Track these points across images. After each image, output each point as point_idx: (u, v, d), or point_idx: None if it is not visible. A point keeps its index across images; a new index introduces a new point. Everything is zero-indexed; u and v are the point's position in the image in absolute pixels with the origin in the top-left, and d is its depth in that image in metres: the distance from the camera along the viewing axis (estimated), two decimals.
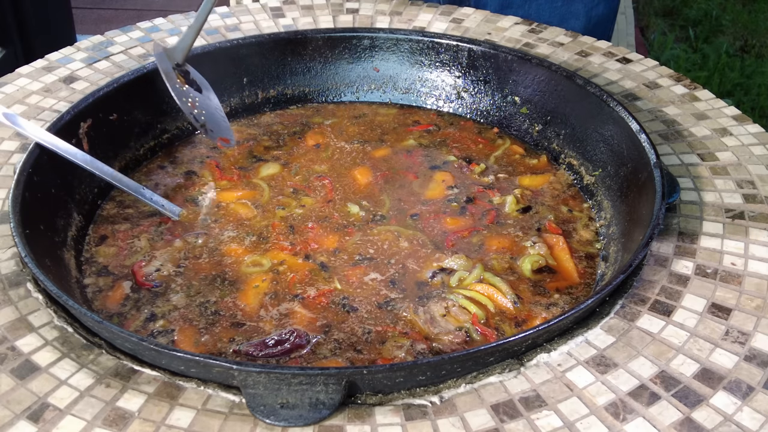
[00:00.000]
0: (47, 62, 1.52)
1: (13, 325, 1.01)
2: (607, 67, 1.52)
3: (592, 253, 1.19)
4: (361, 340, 1.04)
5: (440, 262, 1.16)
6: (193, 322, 1.07)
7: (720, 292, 1.06)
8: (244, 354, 1.02)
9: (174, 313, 1.09)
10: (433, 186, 1.31)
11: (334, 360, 1.01)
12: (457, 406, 0.92)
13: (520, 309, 1.09)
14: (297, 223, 1.23)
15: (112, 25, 1.69)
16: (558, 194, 1.30)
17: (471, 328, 1.06)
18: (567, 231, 1.22)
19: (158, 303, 1.10)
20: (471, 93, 1.48)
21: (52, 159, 1.18)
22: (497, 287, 1.11)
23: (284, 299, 1.10)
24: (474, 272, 1.13)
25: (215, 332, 1.06)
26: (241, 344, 1.03)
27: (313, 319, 1.07)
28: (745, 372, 0.95)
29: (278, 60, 1.49)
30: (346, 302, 1.10)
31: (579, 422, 0.89)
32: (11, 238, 1.06)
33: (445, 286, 1.12)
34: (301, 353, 1.02)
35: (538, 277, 1.14)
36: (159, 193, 1.27)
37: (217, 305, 1.09)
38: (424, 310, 1.08)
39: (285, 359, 1.02)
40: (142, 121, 1.37)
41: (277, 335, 1.04)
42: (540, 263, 1.15)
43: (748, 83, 3.56)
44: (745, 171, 1.26)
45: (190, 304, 1.10)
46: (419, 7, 1.70)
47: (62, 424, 0.88)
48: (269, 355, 1.02)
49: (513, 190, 1.30)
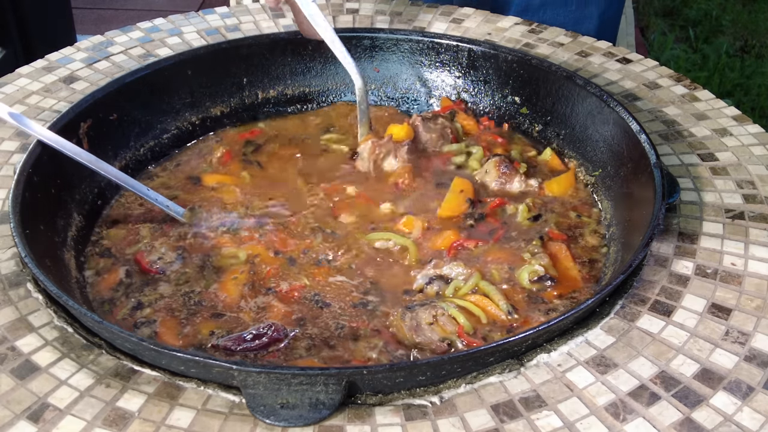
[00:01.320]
0: (47, 62, 1.52)
1: (13, 325, 1.01)
2: (607, 68, 1.52)
3: (596, 259, 1.17)
4: (334, 335, 1.05)
5: (438, 268, 1.13)
6: (175, 312, 1.08)
7: (720, 292, 1.06)
8: (222, 348, 1.03)
9: (160, 302, 1.10)
10: (451, 198, 1.26)
11: (310, 360, 1.01)
12: (457, 406, 0.92)
13: (515, 318, 1.07)
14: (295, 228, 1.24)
15: (112, 26, 1.69)
16: (569, 201, 1.28)
17: (456, 340, 1.03)
18: (573, 236, 1.20)
19: (146, 291, 1.12)
20: (471, 93, 1.48)
21: (53, 159, 1.18)
22: (491, 297, 1.09)
23: (265, 293, 1.12)
24: (470, 281, 1.11)
25: (196, 323, 1.07)
26: (219, 338, 1.04)
27: (289, 313, 1.08)
28: (745, 372, 0.95)
29: (278, 60, 1.49)
30: (318, 298, 1.11)
31: (579, 422, 0.89)
32: (11, 238, 1.06)
33: (440, 297, 1.10)
34: (279, 347, 1.03)
35: (537, 286, 1.11)
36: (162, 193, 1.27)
37: (201, 295, 1.11)
38: (411, 316, 1.05)
39: (263, 353, 1.02)
40: (142, 121, 1.37)
41: (255, 329, 1.04)
42: (538, 273, 1.12)
43: (748, 83, 3.56)
44: (745, 171, 1.26)
45: (175, 293, 1.11)
46: (419, 8, 1.70)
47: (62, 424, 0.88)
48: (247, 349, 1.02)
49: (525, 198, 1.27)
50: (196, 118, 1.44)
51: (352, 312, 1.09)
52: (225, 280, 1.13)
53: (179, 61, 1.40)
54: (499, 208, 1.25)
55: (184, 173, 1.35)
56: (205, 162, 1.37)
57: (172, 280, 1.13)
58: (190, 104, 1.43)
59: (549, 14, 1.86)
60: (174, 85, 1.40)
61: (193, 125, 1.43)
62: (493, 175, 1.30)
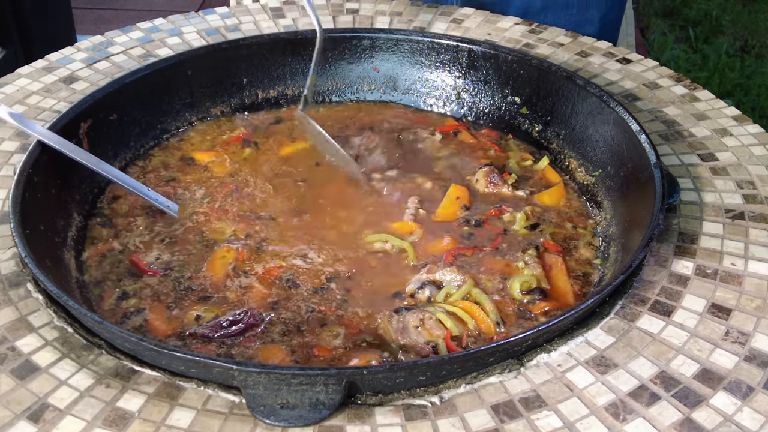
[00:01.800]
0: (47, 62, 1.52)
1: (13, 325, 1.01)
2: (607, 68, 1.52)
3: (588, 273, 1.16)
4: (304, 320, 1.07)
5: (431, 273, 1.13)
6: (161, 297, 1.10)
7: (720, 292, 1.06)
8: (200, 336, 1.04)
9: (145, 290, 1.11)
10: (447, 204, 1.26)
11: (275, 347, 1.03)
12: (457, 406, 0.92)
13: (500, 333, 1.06)
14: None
15: (112, 26, 1.69)
16: (565, 210, 1.27)
17: (441, 344, 1.03)
18: (567, 249, 1.19)
19: (134, 281, 1.14)
20: (471, 93, 1.48)
21: (53, 159, 1.18)
22: (482, 305, 1.08)
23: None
24: (463, 288, 1.10)
25: (184, 305, 1.09)
26: (197, 328, 1.05)
27: (265, 295, 1.11)
28: (745, 372, 0.95)
29: (278, 60, 1.49)
30: (290, 279, 1.13)
31: (579, 422, 0.89)
32: (11, 238, 1.06)
33: (431, 302, 1.10)
34: (256, 332, 1.05)
35: (528, 298, 1.10)
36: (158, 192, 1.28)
37: (191, 280, 1.13)
38: (399, 319, 1.05)
39: (240, 339, 1.04)
40: (142, 122, 1.37)
41: (231, 316, 1.06)
42: (531, 284, 1.11)
43: (748, 84, 3.56)
44: (745, 171, 1.26)
45: (163, 280, 1.13)
46: (419, 8, 1.70)
47: (62, 425, 0.88)
48: (225, 335, 1.04)
49: (524, 206, 1.26)
50: (196, 118, 1.44)
51: (319, 298, 1.11)
52: (213, 258, 1.15)
53: (179, 61, 1.40)
54: (496, 216, 1.25)
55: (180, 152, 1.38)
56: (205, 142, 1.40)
57: (166, 274, 1.15)
58: (190, 104, 1.43)
59: (550, 18, 1.86)
60: (174, 86, 1.41)
61: (193, 125, 1.43)
62: (483, 183, 1.31)
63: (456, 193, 1.28)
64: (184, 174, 1.33)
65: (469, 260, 1.17)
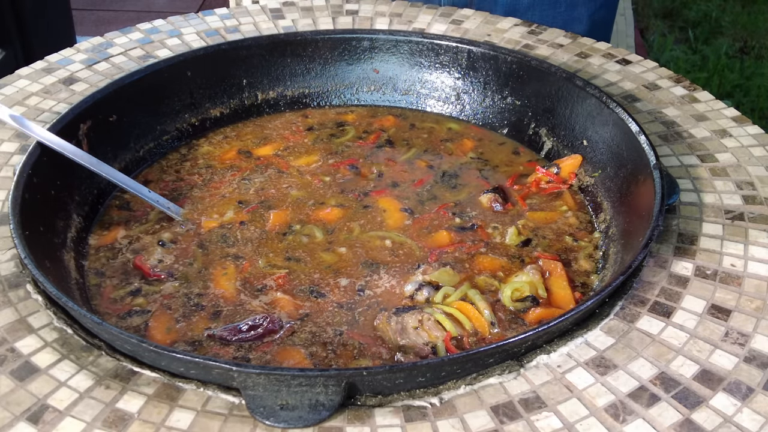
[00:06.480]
0: (47, 64, 1.52)
1: (12, 326, 1.01)
2: (606, 69, 1.52)
3: (587, 284, 1.14)
4: (326, 331, 1.07)
5: (427, 275, 1.12)
6: (171, 309, 1.09)
7: (720, 293, 1.06)
8: (217, 338, 1.04)
9: (156, 296, 1.11)
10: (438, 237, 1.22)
11: (296, 350, 1.03)
12: (457, 407, 0.92)
13: (494, 334, 1.05)
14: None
15: (112, 27, 1.69)
16: (563, 227, 1.24)
17: (440, 346, 1.03)
18: (567, 260, 1.17)
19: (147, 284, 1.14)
20: (470, 94, 1.48)
21: (52, 160, 1.18)
22: (477, 305, 1.07)
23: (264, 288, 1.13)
24: (460, 289, 1.09)
25: (192, 321, 1.08)
26: (216, 329, 1.05)
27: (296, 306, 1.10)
28: (744, 373, 0.95)
29: (278, 61, 1.49)
30: (314, 289, 1.12)
31: (579, 423, 0.89)
32: (11, 239, 1.06)
33: (429, 303, 1.09)
34: (274, 338, 1.04)
35: (518, 306, 1.08)
36: (160, 193, 1.28)
37: (201, 298, 1.11)
38: (398, 320, 1.05)
39: (258, 344, 1.04)
40: (142, 123, 1.37)
41: (252, 320, 1.05)
42: (523, 292, 1.09)
43: (748, 84, 3.56)
44: (744, 172, 1.26)
45: (175, 293, 1.12)
46: (419, 9, 1.70)
47: (62, 426, 0.88)
48: (242, 339, 1.04)
49: (517, 221, 1.24)
50: (196, 119, 1.44)
51: (339, 311, 1.10)
52: (215, 274, 1.15)
53: (179, 62, 1.40)
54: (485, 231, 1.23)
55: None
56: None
57: (176, 280, 1.14)
58: (190, 105, 1.43)
59: (537, 15, 1.84)
60: (174, 87, 1.41)
61: (193, 126, 1.43)
62: (485, 207, 1.29)
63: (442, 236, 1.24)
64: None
65: (464, 260, 1.17)
